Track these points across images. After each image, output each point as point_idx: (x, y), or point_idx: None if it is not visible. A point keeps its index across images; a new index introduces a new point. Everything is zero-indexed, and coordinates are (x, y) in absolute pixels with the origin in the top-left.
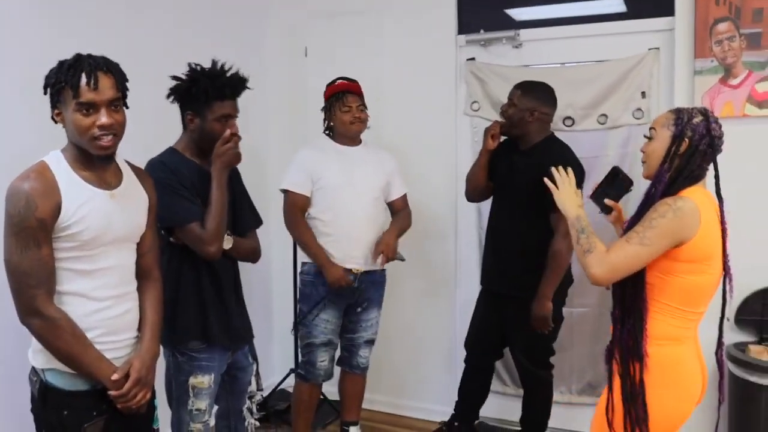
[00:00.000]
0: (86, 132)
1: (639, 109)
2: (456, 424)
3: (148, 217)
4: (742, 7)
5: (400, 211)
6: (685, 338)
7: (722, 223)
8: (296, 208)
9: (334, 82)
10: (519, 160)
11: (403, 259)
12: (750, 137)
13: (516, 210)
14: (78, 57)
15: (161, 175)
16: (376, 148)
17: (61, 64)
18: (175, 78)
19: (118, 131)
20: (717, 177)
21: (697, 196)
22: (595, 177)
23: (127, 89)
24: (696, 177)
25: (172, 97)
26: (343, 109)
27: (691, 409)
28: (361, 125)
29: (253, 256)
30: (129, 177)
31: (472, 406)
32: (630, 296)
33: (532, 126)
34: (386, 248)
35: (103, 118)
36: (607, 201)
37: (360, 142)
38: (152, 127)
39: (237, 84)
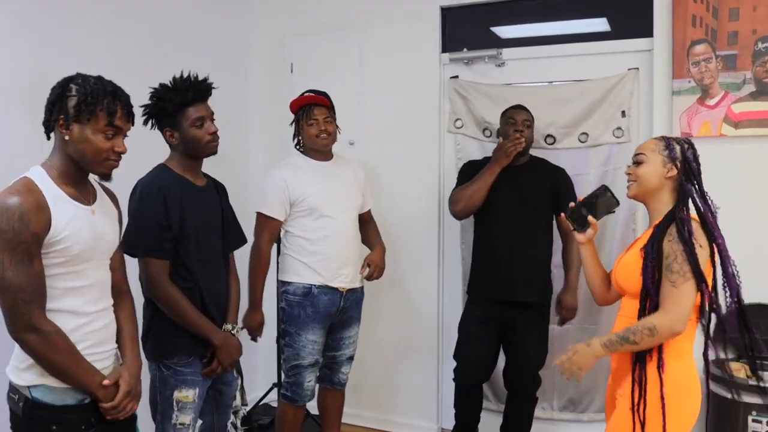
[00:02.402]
0: (101, 154)
1: (619, 128)
2: None
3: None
4: (718, 30)
5: (368, 223)
6: (690, 350)
7: (715, 237)
8: (266, 233)
9: (302, 94)
10: (520, 175)
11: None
12: (726, 157)
13: (530, 220)
14: (116, 87)
15: (145, 198)
16: (347, 161)
17: (89, 84)
18: (142, 107)
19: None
20: (703, 194)
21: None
22: (577, 195)
23: None
24: (685, 199)
25: (150, 124)
26: (309, 122)
27: (696, 414)
28: (328, 138)
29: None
30: (101, 194)
31: (474, 424)
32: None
33: None
34: (378, 271)
35: (122, 146)
36: (590, 219)
37: (332, 156)
38: (136, 149)
39: (199, 86)
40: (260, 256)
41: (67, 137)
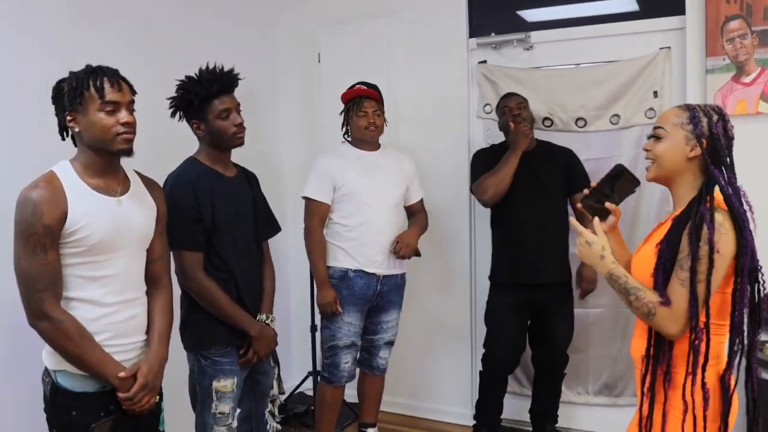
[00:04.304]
0: (109, 129)
1: (651, 109)
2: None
3: (157, 226)
4: (753, 5)
5: (415, 215)
6: (723, 353)
7: (745, 239)
8: (316, 217)
9: (353, 86)
10: (532, 160)
11: (419, 255)
12: (764, 135)
13: (549, 202)
14: (99, 67)
15: (175, 191)
16: (395, 152)
17: (74, 73)
18: (169, 99)
19: (135, 130)
20: (731, 181)
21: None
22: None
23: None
24: (711, 186)
25: (178, 116)
26: (359, 114)
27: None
28: (376, 130)
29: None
30: (136, 185)
31: (497, 414)
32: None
33: None
34: (405, 248)
35: (126, 117)
36: (608, 205)
37: (378, 146)
38: (164, 138)
39: (224, 78)
40: (312, 236)
41: (77, 129)
